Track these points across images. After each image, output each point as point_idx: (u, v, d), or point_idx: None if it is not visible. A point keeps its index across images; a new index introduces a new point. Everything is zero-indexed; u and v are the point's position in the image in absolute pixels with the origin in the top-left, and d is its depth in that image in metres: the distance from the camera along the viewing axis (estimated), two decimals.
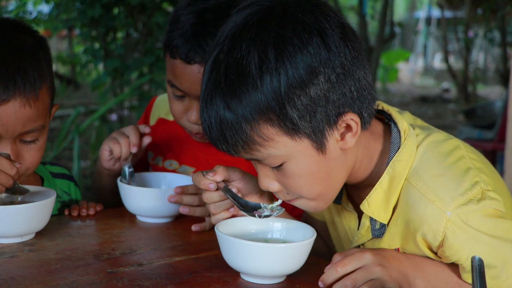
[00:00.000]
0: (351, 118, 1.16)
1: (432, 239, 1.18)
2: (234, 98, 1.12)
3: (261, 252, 1.17)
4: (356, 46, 1.17)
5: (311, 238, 1.22)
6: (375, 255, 1.18)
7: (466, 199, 1.16)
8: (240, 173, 1.37)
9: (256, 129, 1.13)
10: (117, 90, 6.33)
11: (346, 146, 1.19)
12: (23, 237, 1.37)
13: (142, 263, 1.28)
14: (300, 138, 1.15)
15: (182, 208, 1.49)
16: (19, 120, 1.40)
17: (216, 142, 1.19)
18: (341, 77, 1.13)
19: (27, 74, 1.40)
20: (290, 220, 1.32)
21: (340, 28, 1.15)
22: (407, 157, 1.24)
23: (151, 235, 1.48)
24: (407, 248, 1.25)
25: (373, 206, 1.26)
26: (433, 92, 13.72)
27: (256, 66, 1.10)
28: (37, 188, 1.48)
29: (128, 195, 1.54)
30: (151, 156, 1.83)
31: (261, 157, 1.18)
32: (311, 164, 1.18)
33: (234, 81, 1.12)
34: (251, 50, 1.11)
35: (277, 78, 1.10)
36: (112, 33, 6.32)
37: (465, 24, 11.99)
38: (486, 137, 5.46)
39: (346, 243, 1.42)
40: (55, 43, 14.62)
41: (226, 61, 1.13)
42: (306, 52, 1.11)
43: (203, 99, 1.17)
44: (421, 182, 1.21)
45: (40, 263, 1.26)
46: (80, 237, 1.43)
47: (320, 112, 1.13)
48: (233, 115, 1.13)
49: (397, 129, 1.27)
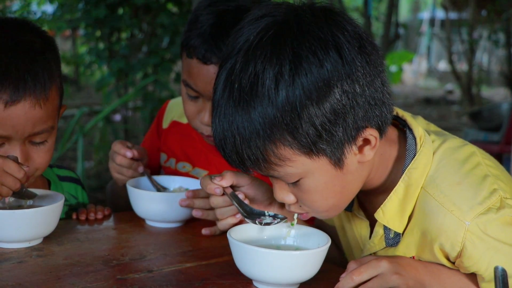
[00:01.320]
0: (370, 133, 1.13)
1: (450, 249, 1.15)
2: (248, 118, 1.09)
3: (274, 260, 1.15)
4: (374, 58, 1.14)
5: (325, 246, 1.19)
6: (391, 263, 1.15)
7: (485, 208, 1.14)
8: (249, 180, 1.34)
9: (272, 150, 1.10)
10: (122, 90, 6.32)
11: (364, 159, 1.16)
12: (31, 242, 1.35)
13: (152, 269, 1.26)
14: (318, 157, 1.12)
15: (195, 211, 1.47)
16: (29, 121, 1.38)
17: (229, 160, 1.16)
18: (358, 92, 1.10)
19: (38, 75, 1.38)
20: (304, 227, 1.30)
21: (357, 41, 1.12)
22: (423, 165, 1.21)
23: (161, 240, 1.45)
24: (423, 257, 1.22)
25: (388, 214, 1.23)
26: (437, 93, 13.68)
27: (271, 84, 1.07)
28: (44, 192, 1.46)
29: (137, 199, 1.52)
30: (163, 158, 1.82)
31: (278, 175, 1.15)
32: (328, 180, 1.15)
33: (248, 101, 1.09)
34: (266, 68, 1.08)
35: (293, 96, 1.07)
36: (117, 34, 6.31)
37: (470, 26, 11.95)
38: (492, 139, 5.43)
39: (356, 250, 1.39)
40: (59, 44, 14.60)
41: (239, 78, 1.10)
42: (322, 70, 1.07)
43: (216, 115, 1.14)
44: (439, 191, 1.18)
45: (48, 269, 1.23)
46: (88, 242, 1.41)
47: (338, 129, 1.10)
48: (247, 134, 1.10)
49: (412, 135, 1.24)
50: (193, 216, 1.48)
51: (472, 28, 11.97)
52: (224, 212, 1.38)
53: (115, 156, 1.58)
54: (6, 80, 1.35)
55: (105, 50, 6.27)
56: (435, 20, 17.42)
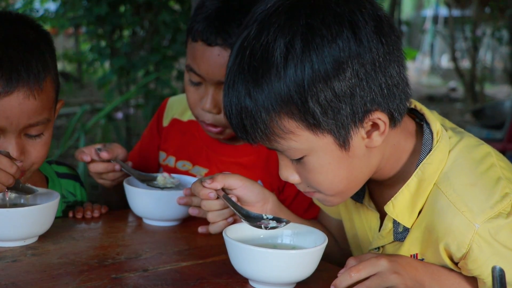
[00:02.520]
0: (379, 117, 1.11)
1: (455, 250, 1.14)
2: (256, 86, 1.08)
3: (270, 259, 1.14)
4: (391, 41, 1.11)
5: (322, 245, 1.18)
6: (390, 262, 1.13)
7: (496, 212, 1.12)
8: (241, 181, 1.33)
9: (276, 121, 1.09)
10: (123, 88, 6.32)
11: (372, 145, 1.14)
12: (26, 240, 1.34)
13: (148, 268, 1.25)
14: (322, 134, 1.10)
15: (191, 209, 1.46)
16: (24, 112, 1.37)
17: (236, 129, 1.16)
18: (370, 73, 1.08)
19: (31, 65, 1.36)
20: (301, 225, 1.28)
21: (375, 21, 1.09)
22: (439, 161, 1.19)
23: (157, 239, 1.44)
24: (426, 254, 1.21)
25: (398, 208, 1.21)
26: (440, 91, 13.64)
27: (281, 55, 1.06)
28: (40, 190, 1.44)
29: (134, 197, 1.50)
30: (162, 157, 1.80)
31: (281, 148, 1.14)
32: (333, 161, 1.13)
33: (257, 69, 1.08)
34: (277, 38, 1.06)
35: (301, 70, 1.05)
36: (118, 31, 6.30)
37: (473, 23, 11.91)
38: (495, 137, 5.41)
39: (364, 243, 1.37)
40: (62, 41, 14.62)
41: (252, 46, 1.09)
42: (335, 45, 1.05)
43: (226, 84, 1.13)
44: (452, 189, 1.16)
45: (42, 268, 1.22)
46: (84, 240, 1.40)
47: (345, 109, 1.08)
48: (253, 103, 1.09)
49: (429, 130, 1.22)
50: (190, 215, 1.46)
51: (475, 26, 11.93)
52: (216, 216, 1.37)
53: (88, 166, 1.55)
54: (5, 71, 1.34)
55: (106, 48, 6.26)
56: (438, 17, 17.37)
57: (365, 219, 1.34)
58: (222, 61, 1.49)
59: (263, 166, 1.67)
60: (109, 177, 1.57)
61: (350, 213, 1.40)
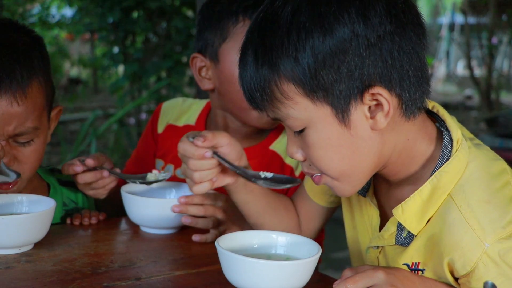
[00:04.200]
0: (380, 92, 1.07)
1: (460, 267, 1.11)
2: (263, 48, 1.10)
3: (263, 270, 1.12)
4: (405, 18, 1.08)
5: (315, 256, 1.16)
6: (388, 275, 1.11)
7: (508, 233, 1.08)
8: (228, 139, 1.31)
9: (278, 84, 1.09)
10: (135, 94, 6.34)
11: (376, 127, 1.10)
12: (21, 248, 1.33)
13: (141, 277, 1.24)
14: (320, 103, 1.08)
15: (184, 218, 1.45)
16: (7, 119, 1.35)
17: (245, 93, 1.17)
18: (372, 41, 1.05)
19: (14, 72, 1.35)
20: (295, 235, 1.27)
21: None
22: (456, 171, 1.15)
23: (153, 247, 1.43)
24: (428, 266, 1.18)
25: (407, 213, 1.18)
26: (455, 99, 13.56)
27: (287, 20, 1.07)
28: (37, 198, 1.44)
29: (131, 204, 1.49)
30: (160, 164, 1.78)
31: (281, 116, 1.13)
32: (332, 136, 1.11)
33: (266, 31, 1.09)
34: (287, 2, 1.08)
35: (298, 17, 1.06)
36: (131, 37, 6.33)
37: (489, 31, 11.83)
38: (508, 146, 5.36)
39: (363, 235, 1.34)
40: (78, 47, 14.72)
41: (264, 12, 1.12)
42: (340, 16, 1.05)
43: (241, 48, 1.16)
44: (466, 204, 1.12)
45: (35, 275, 1.22)
46: (79, 247, 1.39)
47: (340, 71, 1.06)
48: (256, 61, 1.11)
49: (449, 137, 1.18)
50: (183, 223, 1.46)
51: (491, 33, 11.85)
52: (204, 176, 1.31)
53: (75, 178, 1.51)
54: None
55: (119, 54, 6.29)
56: (454, 24, 17.27)
57: (366, 214, 1.32)
58: None
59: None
60: (99, 185, 1.52)
61: (352, 208, 1.37)
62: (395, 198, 1.21)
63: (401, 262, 1.22)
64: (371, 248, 1.30)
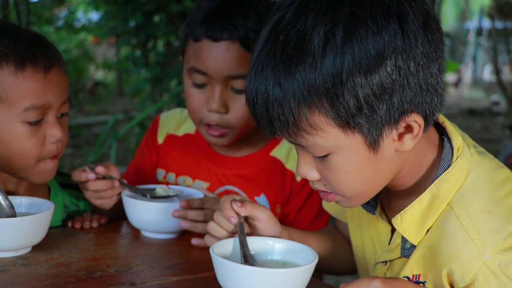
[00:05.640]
0: (415, 119, 1.04)
1: (459, 279, 1.07)
2: (287, 74, 1.00)
3: (258, 277, 1.09)
4: (437, 39, 1.03)
5: (312, 263, 1.13)
6: (384, 284, 1.07)
7: (509, 244, 1.05)
8: (267, 217, 1.28)
9: (305, 114, 1.01)
10: (157, 97, 6.35)
11: (402, 149, 1.07)
12: (18, 251, 1.32)
13: (135, 282, 1.22)
14: (353, 133, 1.03)
15: (183, 222, 1.43)
16: (63, 86, 1.44)
17: (258, 119, 1.07)
18: (412, 71, 1.00)
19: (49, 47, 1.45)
20: (292, 242, 1.24)
21: (423, 17, 1.02)
22: (456, 179, 1.12)
23: (152, 252, 1.41)
24: (428, 277, 1.15)
25: (406, 223, 1.15)
26: (481, 104, 13.39)
27: (319, 44, 0.98)
28: (37, 200, 1.43)
29: (131, 208, 1.48)
30: (162, 174, 1.75)
31: (306, 144, 1.06)
32: (359, 162, 1.06)
33: (291, 56, 0.99)
34: (317, 25, 0.98)
35: (340, 61, 0.97)
36: (153, 41, 6.35)
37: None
38: None
39: (369, 255, 1.32)
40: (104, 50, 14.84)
41: (286, 31, 1.00)
42: (379, 38, 0.98)
43: (253, 68, 1.05)
44: (466, 213, 1.08)
45: (28, 279, 1.20)
46: (77, 251, 1.38)
47: (381, 107, 1.00)
48: (282, 93, 1.01)
49: (450, 145, 1.15)
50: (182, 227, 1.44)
51: None
52: (217, 231, 1.31)
53: (86, 185, 1.49)
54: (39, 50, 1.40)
55: (141, 57, 6.31)
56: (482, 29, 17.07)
57: (374, 231, 1.29)
58: (230, 55, 1.48)
59: (266, 178, 1.63)
60: (107, 195, 1.50)
61: (360, 224, 1.35)
62: (401, 209, 1.17)
63: (402, 274, 1.19)
64: (378, 264, 1.27)
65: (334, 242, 1.49)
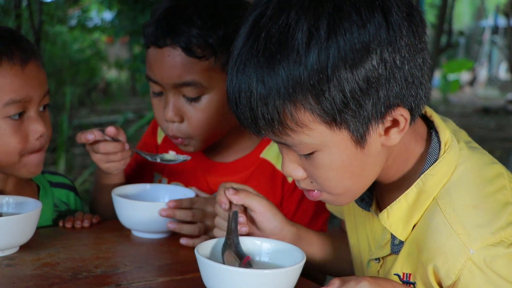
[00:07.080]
0: (401, 113, 1.01)
1: (444, 275, 1.04)
2: (271, 71, 0.97)
3: (242, 278, 1.07)
4: (420, 31, 1.01)
5: (299, 264, 1.10)
6: (371, 284, 1.05)
7: (497, 239, 1.01)
8: (263, 208, 1.25)
9: (290, 112, 0.98)
10: None
11: (389, 143, 1.04)
12: (4, 251, 1.30)
13: (121, 283, 1.19)
14: (339, 129, 1.00)
15: (169, 223, 1.40)
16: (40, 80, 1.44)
17: (241, 118, 1.04)
18: (398, 64, 0.98)
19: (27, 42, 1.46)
20: (280, 242, 1.21)
21: (407, 9, 0.99)
22: (442, 173, 1.09)
23: (141, 252, 1.39)
24: (417, 276, 1.12)
25: (392, 218, 1.12)
26: (496, 103, 13.25)
27: (303, 39, 0.94)
28: (25, 199, 1.41)
29: (121, 208, 1.45)
30: (158, 178, 1.73)
31: (291, 142, 1.03)
32: (346, 158, 1.03)
33: (274, 53, 0.96)
34: (300, 20, 0.95)
35: (325, 56, 0.94)
36: None
37: None
38: None
39: (364, 253, 1.29)
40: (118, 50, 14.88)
41: (268, 27, 0.97)
42: (364, 31, 0.95)
43: (234, 66, 1.01)
44: (451, 208, 1.06)
45: (12, 280, 1.18)
46: (65, 251, 1.35)
47: (368, 101, 0.98)
48: (266, 90, 0.98)
49: (437, 138, 1.12)
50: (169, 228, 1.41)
51: None
52: (222, 225, 1.29)
53: (96, 147, 1.46)
54: (14, 44, 1.40)
55: None
56: (498, 27, 16.92)
57: (370, 228, 1.26)
58: (173, 62, 1.43)
59: (256, 183, 1.58)
60: (117, 157, 1.47)
61: (355, 221, 1.32)
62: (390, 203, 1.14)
63: (393, 271, 1.16)
64: (372, 261, 1.24)
65: (340, 244, 1.45)
